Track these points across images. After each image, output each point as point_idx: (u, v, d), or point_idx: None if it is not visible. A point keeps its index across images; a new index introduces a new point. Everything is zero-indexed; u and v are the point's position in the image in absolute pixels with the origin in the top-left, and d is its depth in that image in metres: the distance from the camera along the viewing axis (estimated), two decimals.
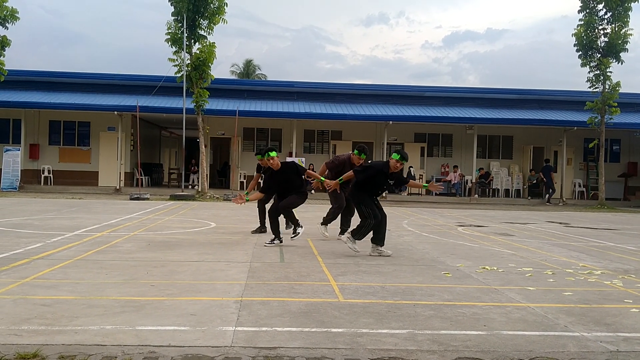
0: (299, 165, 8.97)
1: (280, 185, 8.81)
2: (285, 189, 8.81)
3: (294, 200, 8.79)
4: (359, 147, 9.38)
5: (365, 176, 7.96)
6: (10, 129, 25.10)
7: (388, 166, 7.88)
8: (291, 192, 8.79)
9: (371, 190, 8.06)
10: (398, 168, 7.91)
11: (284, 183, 8.77)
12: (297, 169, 8.83)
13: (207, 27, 21.43)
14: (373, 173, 7.94)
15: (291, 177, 8.76)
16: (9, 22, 21.19)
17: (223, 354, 3.64)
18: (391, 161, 7.86)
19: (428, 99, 27.57)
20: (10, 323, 4.17)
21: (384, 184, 8.09)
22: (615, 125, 24.06)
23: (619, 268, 7.54)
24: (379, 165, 8.01)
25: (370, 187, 8.02)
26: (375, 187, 8.08)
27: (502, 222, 14.56)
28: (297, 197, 8.82)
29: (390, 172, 7.90)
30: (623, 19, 22.73)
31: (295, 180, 8.80)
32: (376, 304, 5.09)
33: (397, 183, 8.37)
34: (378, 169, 7.93)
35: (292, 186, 8.79)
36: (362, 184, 7.99)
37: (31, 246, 7.89)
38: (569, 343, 4.11)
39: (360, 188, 8.03)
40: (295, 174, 8.80)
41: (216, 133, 25.37)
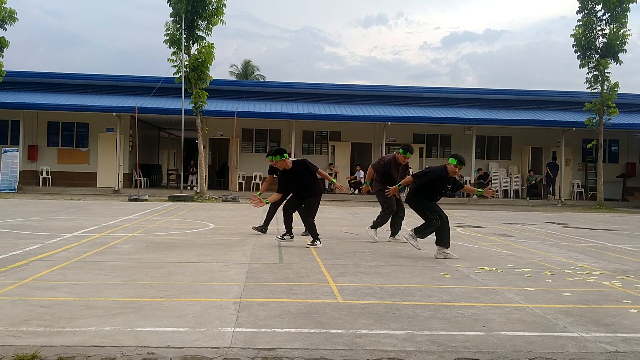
0: (309, 163, 8.98)
1: (294, 184, 8.90)
2: (299, 187, 8.90)
3: (311, 206, 8.86)
4: (404, 145, 9.36)
5: (424, 181, 8.01)
6: (8, 130, 25.06)
7: (447, 171, 7.95)
8: (306, 191, 8.85)
9: (430, 195, 8.10)
10: (456, 173, 8.03)
11: (298, 182, 8.85)
12: (308, 168, 8.86)
13: (205, 28, 21.43)
14: (433, 178, 7.99)
15: (304, 176, 8.82)
16: (8, 23, 21.14)
17: (222, 355, 3.64)
18: (449, 166, 7.96)
19: (427, 100, 27.59)
20: (9, 324, 4.16)
21: (442, 188, 8.13)
22: (614, 126, 24.08)
23: (618, 268, 7.55)
24: (439, 171, 8.06)
25: (429, 192, 8.07)
26: (434, 192, 8.12)
27: (500, 222, 14.56)
28: (314, 200, 8.89)
29: (448, 177, 7.97)
30: (621, 19, 22.76)
31: (308, 178, 8.84)
32: (375, 304, 5.09)
33: (454, 188, 8.41)
34: (438, 174, 7.99)
35: (306, 185, 8.86)
36: (421, 188, 8.04)
37: (30, 247, 7.88)
38: (568, 344, 4.11)
39: (419, 193, 8.08)
40: (307, 172, 8.84)
41: (215, 134, 25.36)
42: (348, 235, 10.68)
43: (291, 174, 8.81)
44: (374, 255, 8.16)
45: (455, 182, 8.24)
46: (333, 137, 26.82)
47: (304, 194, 8.91)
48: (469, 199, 24.21)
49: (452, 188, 8.34)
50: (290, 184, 8.89)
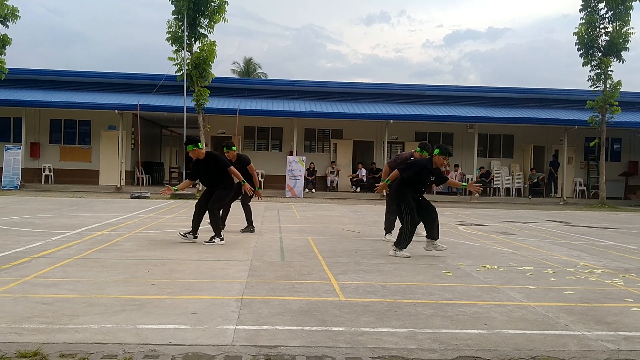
0: (220, 158, 8.88)
1: (204, 175, 8.83)
2: (208, 179, 8.84)
3: (218, 198, 8.75)
4: (422, 144, 9.20)
5: (411, 173, 7.91)
6: (11, 127, 25.11)
7: (432, 162, 7.90)
8: (215, 184, 8.79)
9: (415, 188, 8.00)
10: (443, 164, 7.95)
11: (206, 173, 8.79)
12: (217, 162, 8.75)
13: (207, 25, 21.44)
14: (418, 169, 7.90)
15: (211, 169, 8.74)
16: (10, 20, 21.19)
17: (224, 353, 3.64)
18: (435, 157, 7.89)
19: (429, 98, 27.56)
20: (11, 321, 4.17)
21: (427, 180, 8.05)
22: (616, 124, 24.05)
23: (620, 267, 7.54)
24: (424, 162, 8.00)
25: (414, 185, 7.98)
26: (419, 184, 8.02)
27: (502, 221, 14.55)
28: (221, 193, 8.78)
29: (433, 168, 7.91)
30: (624, 17, 22.71)
31: (216, 173, 8.76)
32: (377, 302, 5.09)
33: (438, 180, 8.29)
34: (422, 165, 7.90)
35: (215, 179, 8.78)
36: (407, 181, 7.94)
37: (32, 245, 7.89)
38: (570, 342, 4.11)
39: (404, 185, 7.97)
40: (215, 167, 8.74)
41: (217, 132, 25.36)
42: (350, 233, 10.68)
43: (202, 164, 8.74)
44: (376, 253, 8.16)
45: (439, 174, 8.11)
46: (335, 135, 26.81)
47: (212, 187, 8.83)
48: (471, 197, 24.20)
49: (435, 180, 8.21)
50: (201, 173, 8.83)
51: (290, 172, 23.16)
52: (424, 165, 7.89)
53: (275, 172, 25.36)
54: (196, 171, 8.87)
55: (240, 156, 10.32)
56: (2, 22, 21.15)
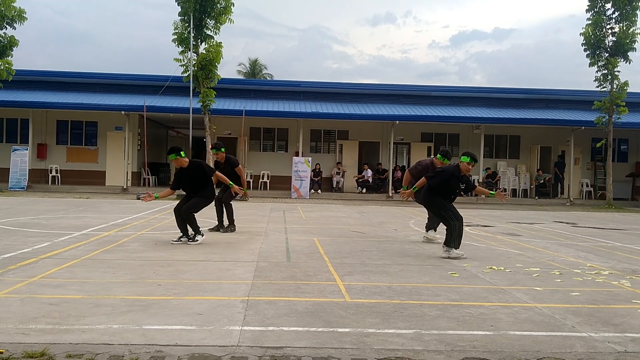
0: (205, 165, 8.89)
1: (187, 183, 8.82)
2: (192, 187, 8.83)
3: (195, 204, 8.77)
4: (442, 151, 9.20)
5: (438, 181, 7.94)
6: (18, 128, 25.22)
7: (459, 169, 7.90)
8: (197, 192, 8.80)
9: (445, 195, 8.03)
10: (469, 170, 7.96)
11: (190, 181, 8.78)
12: (202, 169, 8.77)
13: (213, 26, 21.46)
14: (446, 177, 7.92)
15: (196, 177, 8.74)
16: (17, 22, 21.28)
17: (230, 354, 3.64)
18: (461, 164, 7.90)
19: (435, 99, 27.51)
20: (18, 322, 4.19)
21: (457, 187, 8.05)
22: (623, 125, 23.93)
23: (627, 268, 7.50)
24: (451, 169, 8.01)
25: (443, 192, 8.00)
26: (448, 191, 8.04)
27: (509, 222, 14.51)
28: (199, 200, 8.80)
29: (461, 175, 7.92)
30: (631, 18, 22.61)
31: (200, 180, 8.77)
32: (383, 303, 5.08)
33: (467, 188, 8.32)
34: (451, 173, 7.92)
35: (199, 186, 8.79)
36: (436, 189, 7.98)
37: (39, 245, 7.93)
38: (577, 343, 4.09)
39: (434, 193, 8.02)
40: (200, 174, 8.75)
41: (223, 133, 25.39)
42: (356, 234, 10.67)
43: (186, 172, 8.74)
44: (382, 254, 8.15)
45: (468, 182, 8.18)
46: (341, 136, 26.79)
47: (193, 195, 8.82)
48: (477, 198, 24.13)
49: (464, 188, 8.25)
50: (184, 182, 8.83)
51: (296, 173, 23.17)
52: (452, 173, 7.91)
53: (281, 173, 25.38)
54: (179, 180, 8.88)
55: (229, 158, 10.38)
56: (9, 23, 21.24)
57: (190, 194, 8.88)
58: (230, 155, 10.63)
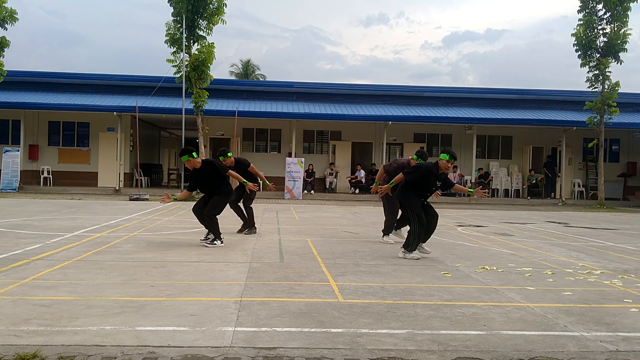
0: (217, 164, 8.89)
1: (202, 184, 8.82)
2: (207, 187, 8.83)
3: (215, 204, 8.75)
4: (419, 151, 9.16)
5: (415, 177, 7.87)
6: (9, 129, 25.07)
7: (438, 166, 7.85)
8: (214, 191, 8.79)
9: (420, 192, 7.98)
10: (449, 168, 7.90)
11: (205, 181, 8.78)
12: (215, 168, 8.76)
13: (206, 27, 21.43)
14: (423, 173, 7.84)
15: (212, 177, 8.73)
16: (8, 22, 21.16)
17: (222, 354, 3.64)
18: (441, 162, 7.84)
19: (427, 99, 27.58)
20: (10, 324, 4.16)
21: (433, 185, 7.99)
22: (615, 125, 24.07)
23: (619, 268, 7.54)
24: (429, 166, 7.93)
25: (419, 189, 7.96)
26: (424, 188, 7.98)
27: (501, 222, 14.56)
28: (219, 199, 8.79)
29: (440, 173, 7.89)
30: (622, 19, 22.75)
31: (215, 179, 8.77)
32: (376, 304, 5.09)
33: (444, 185, 8.23)
34: (428, 170, 7.84)
35: (214, 185, 8.78)
36: (412, 185, 7.93)
37: (30, 247, 7.88)
38: (569, 343, 4.11)
39: (409, 189, 7.96)
40: (214, 173, 8.75)
41: (215, 133, 25.36)
42: (349, 234, 10.68)
43: (199, 173, 8.74)
44: (375, 254, 8.16)
45: (445, 180, 8.08)
46: (334, 137, 26.81)
47: (212, 194, 8.82)
48: (470, 198, 24.20)
49: (442, 186, 8.16)
50: (199, 183, 8.83)
51: (289, 174, 23.16)
52: (430, 170, 7.82)
53: (274, 173, 25.32)
54: (194, 182, 8.86)
55: (238, 160, 10.38)
56: (1, 24, 21.11)
57: (208, 194, 8.87)
58: (239, 158, 10.63)
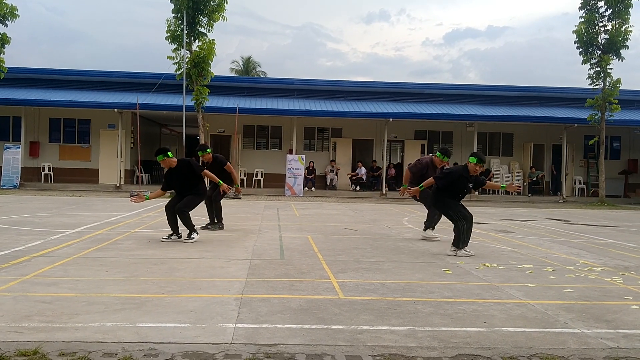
0: (193, 163, 8.89)
1: (178, 183, 8.80)
2: (182, 186, 8.82)
3: (189, 202, 8.75)
4: (442, 149, 9.38)
5: (446, 182, 8.05)
6: (10, 126, 25.07)
7: (467, 170, 8.00)
8: (188, 190, 8.78)
9: (453, 195, 8.13)
10: (477, 171, 8.07)
11: (180, 181, 8.77)
12: (191, 168, 8.76)
13: (206, 24, 21.39)
14: (455, 178, 8.02)
15: (186, 176, 8.73)
16: (9, 19, 21.16)
17: (223, 351, 3.64)
18: (470, 165, 8.00)
19: (428, 96, 27.53)
20: (11, 320, 4.17)
21: (464, 187, 8.13)
22: (616, 122, 24.04)
23: (619, 265, 7.54)
24: (459, 170, 8.12)
25: (451, 192, 8.10)
26: (456, 191, 8.13)
27: (502, 219, 14.55)
28: (192, 198, 8.79)
29: (469, 176, 8.02)
30: (623, 15, 22.69)
31: (191, 178, 8.76)
32: (376, 300, 5.09)
33: (476, 185, 8.43)
34: (459, 174, 8.02)
35: (188, 184, 8.78)
36: (444, 189, 8.08)
37: (31, 244, 7.89)
38: (569, 340, 4.11)
39: (442, 194, 8.13)
40: (189, 172, 8.74)
41: (216, 130, 25.34)
42: (349, 231, 10.68)
43: (175, 172, 8.73)
44: (375, 251, 8.16)
45: (476, 180, 8.28)
46: (334, 134, 26.78)
47: (186, 193, 8.81)
48: (470, 195, 24.20)
49: (474, 185, 8.34)
50: (174, 182, 8.81)
51: (290, 171, 23.15)
52: (460, 174, 8.02)
53: (274, 170, 25.37)
54: (169, 181, 8.86)
55: (216, 157, 10.41)
56: (1, 21, 21.10)
57: (182, 193, 8.85)
58: (217, 155, 10.65)
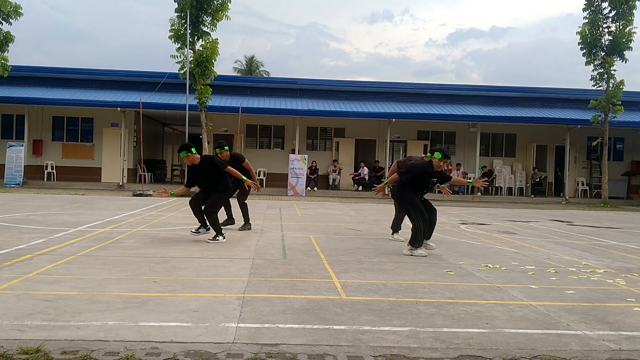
0: (217, 160, 8.88)
1: (201, 179, 8.80)
2: (206, 183, 8.81)
3: (215, 201, 8.73)
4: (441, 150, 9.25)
5: (410, 177, 8.03)
6: (13, 124, 25.15)
7: (432, 165, 7.99)
8: (213, 187, 8.76)
9: (417, 190, 8.11)
10: (441, 167, 8.05)
11: (204, 177, 8.76)
12: (214, 164, 8.74)
13: (210, 23, 21.42)
14: (419, 173, 8.01)
15: (209, 172, 8.73)
16: (13, 18, 21.22)
17: (225, 350, 3.64)
18: (434, 160, 7.98)
19: (431, 97, 27.52)
20: (13, 318, 4.17)
21: (429, 182, 8.15)
22: (619, 124, 24.00)
23: (622, 267, 7.52)
24: (423, 165, 8.10)
25: (415, 187, 8.08)
26: (421, 186, 8.11)
27: (504, 220, 14.53)
28: (218, 196, 8.77)
29: (433, 171, 8.02)
30: (627, 17, 22.68)
31: (214, 175, 8.75)
32: (378, 301, 5.09)
33: (442, 180, 8.42)
34: (423, 169, 8.01)
35: (213, 181, 8.77)
36: (408, 184, 8.07)
37: (34, 242, 7.90)
38: (572, 341, 4.10)
39: (406, 189, 8.10)
40: (213, 168, 8.73)
41: (219, 130, 25.37)
42: (352, 231, 10.67)
43: (199, 169, 8.72)
44: (378, 252, 8.16)
45: (441, 175, 8.22)
46: (337, 134, 26.78)
47: (210, 190, 8.79)
48: (473, 196, 24.19)
49: (438, 180, 8.32)
50: (198, 178, 8.80)
51: (292, 171, 23.16)
52: (424, 170, 8.00)
53: (277, 170, 25.38)
54: (192, 177, 8.85)
55: (233, 155, 10.39)
56: (5, 19, 21.17)
57: (206, 190, 8.86)
58: (235, 152, 10.65)
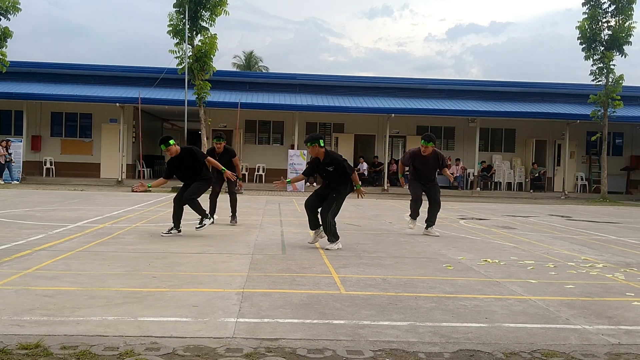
0: (196, 150, 8.88)
1: (181, 171, 8.81)
2: (186, 175, 8.82)
3: (196, 189, 8.75)
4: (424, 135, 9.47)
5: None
6: (12, 120, 25.12)
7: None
8: (192, 178, 8.78)
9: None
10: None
11: (183, 169, 8.77)
12: (194, 154, 8.75)
13: (209, 18, 21.35)
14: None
15: (189, 163, 8.73)
16: (11, 13, 21.14)
17: (225, 345, 3.64)
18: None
19: (431, 92, 27.50)
20: (13, 314, 4.17)
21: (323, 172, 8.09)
22: (618, 119, 23.99)
23: (621, 261, 7.53)
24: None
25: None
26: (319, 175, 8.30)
27: (504, 215, 14.54)
28: (199, 184, 8.79)
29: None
30: (627, 12, 22.63)
31: (194, 166, 8.76)
32: (378, 296, 5.09)
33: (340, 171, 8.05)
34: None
35: (192, 172, 8.77)
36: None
37: (33, 237, 7.90)
38: (571, 336, 4.11)
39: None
40: (193, 160, 8.74)
41: (218, 125, 25.32)
42: (351, 226, 10.67)
43: (179, 160, 8.72)
44: (377, 246, 8.16)
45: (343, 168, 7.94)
46: (336, 129, 26.77)
47: (191, 180, 8.80)
48: (472, 191, 24.20)
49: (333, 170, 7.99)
50: (177, 170, 8.80)
51: (292, 166, 23.15)
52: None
53: (276, 165, 25.36)
54: (171, 169, 8.86)
55: (227, 148, 10.46)
56: (3, 14, 21.10)
57: (187, 182, 8.85)
58: (228, 146, 10.70)
